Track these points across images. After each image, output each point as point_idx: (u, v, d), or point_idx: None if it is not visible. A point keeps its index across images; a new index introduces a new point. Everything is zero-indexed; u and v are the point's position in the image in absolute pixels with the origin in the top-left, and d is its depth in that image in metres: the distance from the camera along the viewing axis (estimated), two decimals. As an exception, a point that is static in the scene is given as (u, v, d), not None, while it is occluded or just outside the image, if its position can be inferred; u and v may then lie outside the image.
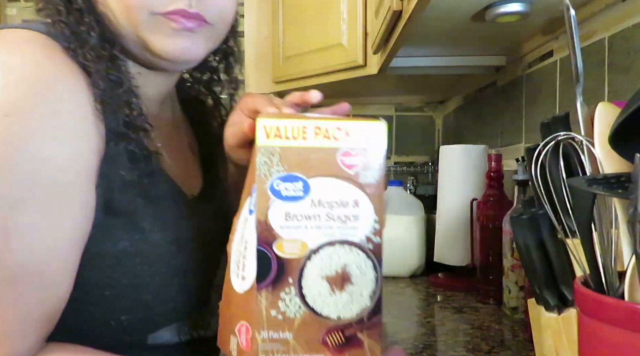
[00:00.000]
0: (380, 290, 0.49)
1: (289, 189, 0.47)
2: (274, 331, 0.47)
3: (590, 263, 0.46)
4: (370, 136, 0.48)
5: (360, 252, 0.49)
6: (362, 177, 0.48)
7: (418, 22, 0.94)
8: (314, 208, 0.48)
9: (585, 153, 0.51)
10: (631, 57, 0.82)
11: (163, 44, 0.54)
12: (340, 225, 0.48)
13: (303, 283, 0.48)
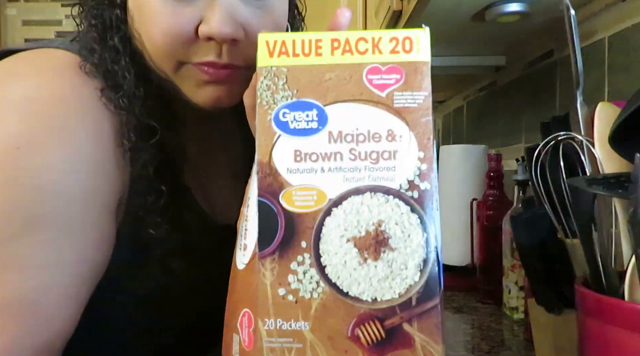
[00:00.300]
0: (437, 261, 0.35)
1: (299, 120, 0.35)
2: (284, 320, 0.34)
3: (590, 263, 0.46)
4: (407, 46, 0.35)
5: (401, 202, 0.35)
6: (399, 99, 0.35)
7: (418, 22, 0.94)
8: (333, 145, 0.35)
9: (585, 153, 0.51)
10: (631, 57, 0.82)
11: (194, 93, 0.52)
12: (371, 165, 0.35)
13: (322, 249, 0.35)
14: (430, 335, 0.34)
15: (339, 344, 0.34)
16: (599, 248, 0.46)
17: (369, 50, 0.36)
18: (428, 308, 0.34)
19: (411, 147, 0.35)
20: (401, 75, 0.35)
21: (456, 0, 0.88)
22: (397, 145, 0.35)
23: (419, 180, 0.35)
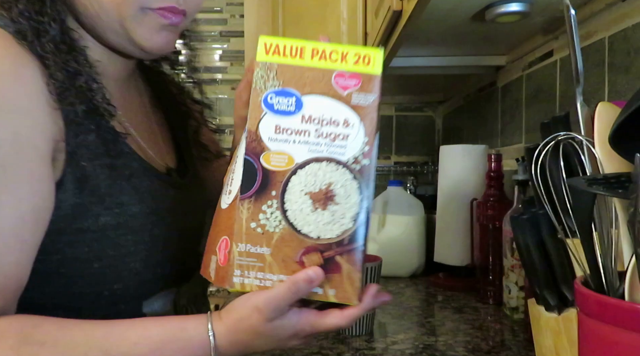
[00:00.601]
0: (366, 216, 0.48)
1: (281, 103, 0.49)
2: (252, 245, 0.48)
3: (590, 263, 0.46)
4: (366, 61, 0.51)
5: (347, 171, 0.49)
6: (355, 98, 0.51)
7: (418, 22, 0.94)
8: (304, 124, 0.49)
9: (585, 153, 0.51)
10: (631, 57, 0.82)
11: (150, 37, 0.56)
12: (329, 143, 0.49)
13: (286, 198, 0.48)
14: (354, 265, 0.48)
15: (289, 266, 0.48)
16: (599, 248, 0.46)
17: (338, 60, 0.50)
18: (355, 247, 0.48)
19: (359, 133, 0.50)
20: (359, 81, 0.50)
21: (456, 0, 0.88)
22: (349, 131, 0.50)
23: (362, 157, 0.50)
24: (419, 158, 2.17)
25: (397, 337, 0.83)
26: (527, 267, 0.57)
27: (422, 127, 2.19)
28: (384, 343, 0.80)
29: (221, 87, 2.17)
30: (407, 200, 1.36)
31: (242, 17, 2.05)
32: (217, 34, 2.15)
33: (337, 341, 0.82)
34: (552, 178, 0.54)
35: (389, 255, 1.25)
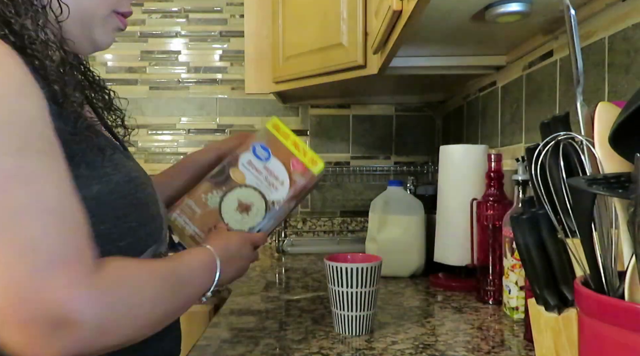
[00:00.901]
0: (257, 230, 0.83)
1: (260, 152, 0.85)
2: (195, 204, 0.83)
3: (590, 263, 0.46)
4: (314, 163, 0.86)
5: (264, 203, 0.84)
6: (294, 175, 0.85)
7: (418, 22, 0.94)
8: (262, 169, 0.84)
9: (585, 153, 0.51)
10: (631, 57, 0.82)
11: (106, 36, 0.67)
12: (267, 185, 0.84)
13: (228, 195, 0.83)
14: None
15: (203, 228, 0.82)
16: (599, 248, 0.46)
17: (302, 153, 0.85)
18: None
19: (284, 192, 0.83)
20: (303, 169, 0.84)
21: (456, 0, 0.88)
22: (280, 187, 0.83)
23: (277, 203, 0.83)
24: (419, 158, 2.17)
25: (397, 337, 0.83)
26: (527, 267, 0.57)
27: (422, 127, 2.19)
28: (384, 343, 0.80)
29: (221, 87, 2.17)
30: (407, 200, 1.36)
31: (242, 17, 2.05)
32: (217, 34, 2.15)
33: (337, 341, 0.82)
34: (552, 178, 0.54)
35: (389, 255, 1.25)
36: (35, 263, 0.45)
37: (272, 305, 1.06)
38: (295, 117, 2.18)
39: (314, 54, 1.46)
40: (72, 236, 0.49)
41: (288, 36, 1.57)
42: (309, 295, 1.14)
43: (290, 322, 0.93)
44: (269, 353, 0.77)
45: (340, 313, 0.85)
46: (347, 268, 0.82)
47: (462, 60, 1.34)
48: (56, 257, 0.46)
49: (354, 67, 1.34)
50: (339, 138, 2.19)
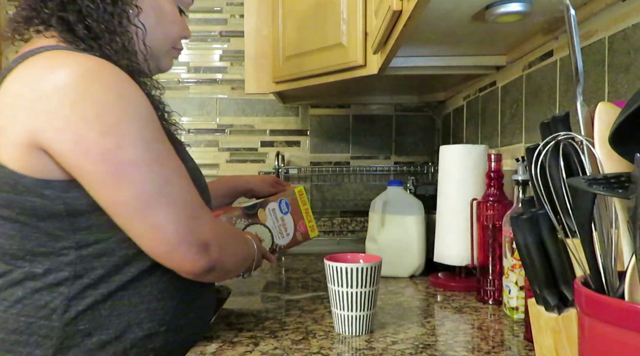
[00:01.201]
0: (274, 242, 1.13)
1: (283, 207, 1.14)
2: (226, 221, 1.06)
3: (590, 263, 0.46)
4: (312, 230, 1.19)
5: (271, 242, 1.11)
6: (297, 232, 1.16)
7: (418, 22, 0.94)
8: (279, 219, 1.13)
9: (585, 153, 0.51)
10: (631, 57, 0.82)
11: (168, 63, 0.91)
12: (278, 231, 1.13)
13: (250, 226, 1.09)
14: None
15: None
16: (599, 248, 0.46)
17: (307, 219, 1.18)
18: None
19: (287, 240, 1.14)
20: (304, 230, 1.17)
21: (456, 0, 0.88)
22: (287, 237, 1.14)
23: (278, 246, 1.13)
24: (419, 158, 2.17)
25: (397, 337, 0.83)
26: (527, 267, 0.57)
27: (422, 127, 2.19)
28: (384, 343, 0.80)
29: (221, 87, 2.17)
30: (407, 200, 1.36)
31: (242, 17, 2.05)
32: (217, 34, 2.15)
33: (337, 341, 0.82)
34: (552, 178, 0.54)
35: (389, 255, 1.25)
36: (188, 211, 0.72)
37: (272, 305, 1.06)
38: (295, 117, 2.18)
39: (314, 54, 1.46)
40: (198, 195, 0.76)
41: (288, 36, 1.57)
42: (309, 295, 1.14)
43: (290, 322, 0.93)
44: (269, 353, 0.77)
45: (340, 313, 0.85)
46: (347, 268, 0.82)
47: (462, 60, 1.34)
48: (198, 206, 0.74)
49: (354, 67, 1.34)
50: (339, 138, 2.19)
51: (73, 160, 0.67)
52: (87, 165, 0.67)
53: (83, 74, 0.67)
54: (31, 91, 0.66)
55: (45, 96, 0.66)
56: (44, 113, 0.66)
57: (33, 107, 0.66)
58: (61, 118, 0.66)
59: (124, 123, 0.68)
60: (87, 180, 0.68)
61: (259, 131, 2.18)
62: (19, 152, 0.67)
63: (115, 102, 0.68)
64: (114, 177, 0.67)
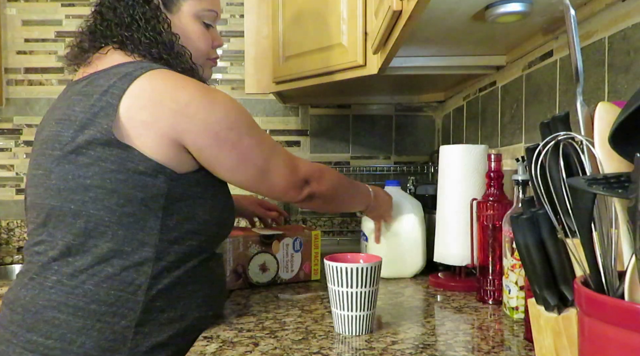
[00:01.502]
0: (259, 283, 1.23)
1: (296, 245, 1.25)
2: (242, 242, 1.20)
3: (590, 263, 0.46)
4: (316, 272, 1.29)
5: (275, 273, 1.23)
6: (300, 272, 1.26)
7: (418, 22, 0.94)
8: (289, 255, 1.25)
9: (585, 153, 0.51)
10: (631, 57, 0.82)
11: (208, 73, 1.05)
12: (284, 265, 1.24)
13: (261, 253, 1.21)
14: None
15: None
16: (599, 248, 0.46)
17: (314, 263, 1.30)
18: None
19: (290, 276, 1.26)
20: (307, 272, 1.29)
21: (456, 0, 0.88)
22: (291, 272, 1.26)
23: (280, 278, 1.25)
24: (419, 158, 2.17)
25: (397, 337, 0.83)
26: (527, 267, 0.57)
27: (422, 127, 2.19)
28: (384, 343, 0.80)
29: (221, 87, 2.17)
30: (405, 200, 1.36)
31: (242, 17, 2.05)
32: (217, 34, 2.15)
33: (337, 341, 0.82)
34: (552, 178, 0.54)
35: (389, 256, 1.26)
36: (290, 167, 0.96)
37: (272, 305, 1.06)
38: (295, 117, 2.18)
39: (314, 54, 1.46)
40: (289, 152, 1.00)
41: (288, 36, 1.57)
42: (309, 295, 1.14)
43: (290, 322, 0.93)
44: (269, 353, 0.77)
45: (340, 313, 0.85)
46: (347, 268, 0.82)
47: (462, 60, 1.34)
48: (294, 160, 0.99)
49: (353, 67, 1.34)
50: (339, 138, 2.19)
51: (212, 152, 0.86)
52: (222, 155, 0.86)
53: (203, 89, 0.87)
54: (172, 100, 0.83)
55: (184, 104, 0.83)
56: (185, 117, 0.83)
57: (175, 112, 0.83)
58: (200, 121, 0.84)
59: (239, 119, 0.89)
60: (224, 167, 0.88)
61: (259, 131, 2.18)
62: (157, 144, 0.82)
63: (229, 105, 0.88)
64: (241, 159, 0.89)
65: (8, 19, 2.19)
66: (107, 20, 0.91)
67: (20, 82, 2.19)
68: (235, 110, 0.89)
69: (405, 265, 1.30)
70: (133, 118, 0.81)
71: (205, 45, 1.01)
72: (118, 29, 0.90)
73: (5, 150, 2.21)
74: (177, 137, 0.83)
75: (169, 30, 0.94)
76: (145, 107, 0.82)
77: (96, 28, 0.92)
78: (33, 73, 2.20)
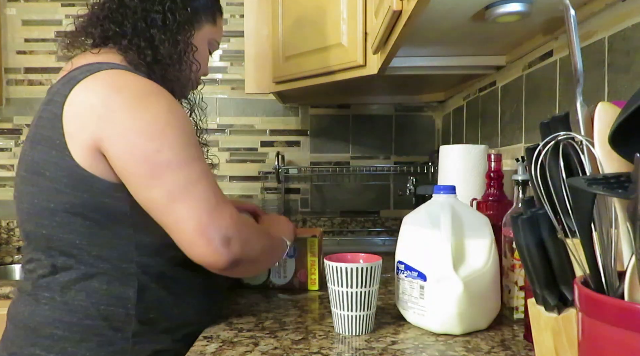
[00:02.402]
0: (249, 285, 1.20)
1: (290, 250, 1.12)
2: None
3: (590, 263, 0.46)
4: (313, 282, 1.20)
5: (267, 277, 1.19)
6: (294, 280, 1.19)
7: (418, 22, 0.94)
8: (282, 261, 1.18)
9: (585, 153, 0.51)
10: (631, 57, 0.82)
11: (194, 88, 1.03)
12: (277, 270, 1.19)
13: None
14: None
15: None
16: (599, 248, 0.46)
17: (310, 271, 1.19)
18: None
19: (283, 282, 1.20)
20: (303, 281, 1.19)
21: (456, 0, 0.88)
22: (284, 278, 1.20)
23: (272, 282, 1.20)
24: (419, 158, 2.17)
25: (397, 337, 0.83)
26: (527, 267, 0.57)
27: (422, 127, 2.19)
28: (384, 343, 0.80)
29: (221, 87, 2.17)
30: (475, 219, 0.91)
31: (242, 17, 2.05)
32: (217, 34, 2.15)
33: (337, 341, 0.82)
34: (552, 178, 0.54)
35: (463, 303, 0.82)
36: (210, 208, 0.78)
37: (272, 305, 1.06)
38: (295, 117, 2.18)
39: (314, 54, 1.46)
40: (222, 194, 0.82)
41: (288, 36, 1.57)
42: (309, 295, 1.14)
43: (290, 322, 0.93)
44: (269, 353, 0.77)
45: (340, 313, 0.85)
46: (347, 268, 0.82)
47: (462, 60, 1.34)
48: (220, 203, 0.79)
49: (353, 67, 1.34)
50: (339, 138, 2.19)
51: (121, 161, 0.77)
52: (130, 167, 0.77)
53: (144, 94, 0.80)
54: (101, 104, 0.78)
55: (112, 110, 0.77)
56: (109, 123, 0.77)
57: (101, 118, 0.77)
58: (120, 127, 0.77)
59: (166, 131, 0.78)
60: (130, 180, 0.78)
61: (259, 131, 2.18)
62: (87, 155, 0.78)
63: (162, 115, 0.79)
64: (149, 176, 0.77)
65: (8, 19, 2.19)
66: (128, 7, 0.89)
67: (20, 82, 2.19)
68: (167, 122, 0.79)
69: (480, 312, 0.86)
70: (76, 131, 0.78)
71: (204, 70, 1.03)
72: (136, 17, 0.88)
73: (5, 150, 2.21)
74: (97, 144, 0.78)
75: (188, 40, 0.94)
76: (81, 116, 0.78)
77: (112, 13, 0.89)
78: (33, 73, 2.20)
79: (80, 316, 0.81)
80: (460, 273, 0.82)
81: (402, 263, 0.88)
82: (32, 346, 0.82)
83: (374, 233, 2.15)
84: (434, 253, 0.84)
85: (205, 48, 1.02)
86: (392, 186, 2.17)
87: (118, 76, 0.81)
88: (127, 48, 0.87)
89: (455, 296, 0.81)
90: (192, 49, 0.95)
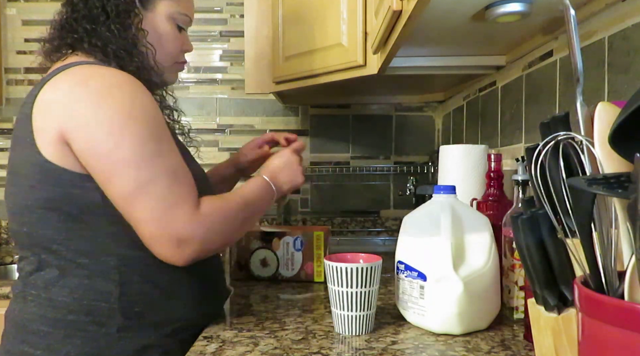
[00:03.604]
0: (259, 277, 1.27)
1: (297, 243, 1.26)
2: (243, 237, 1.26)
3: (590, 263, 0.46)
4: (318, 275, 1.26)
5: (275, 269, 1.26)
6: (301, 272, 1.26)
7: (418, 22, 0.94)
8: (290, 253, 1.25)
9: (585, 153, 0.51)
10: (631, 57, 0.82)
11: (173, 76, 1.01)
12: (285, 262, 1.26)
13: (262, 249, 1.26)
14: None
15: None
16: (599, 248, 0.46)
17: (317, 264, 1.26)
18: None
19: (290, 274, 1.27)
20: (309, 273, 1.26)
21: (456, 0, 0.88)
22: (291, 271, 1.27)
23: (279, 274, 1.28)
24: (419, 158, 2.17)
25: (397, 337, 0.83)
26: (527, 267, 0.57)
27: (422, 127, 2.19)
28: (384, 343, 0.80)
29: (221, 87, 2.17)
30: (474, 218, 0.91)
31: (242, 17, 2.05)
32: (217, 34, 2.15)
33: (337, 341, 0.82)
34: (552, 178, 0.54)
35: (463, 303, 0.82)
36: (164, 209, 0.77)
37: (272, 305, 1.06)
38: (295, 117, 2.18)
39: (314, 53, 1.46)
40: (184, 189, 0.80)
41: (288, 36, 1.57)
42: (309, 295, 1.14)
43: (290, 322, 0.93)
44: (269, 353, 0.77)
45: (340, 313, 0.85)
46: (347, 268, 0.82)
47: (462, 60, 1.34)
48: (177, 204, 0.78)
49: (354, 67, 1.34)
50: (339, 138, 2.19)
51: (84, 155, 0.78)
52: (92, 161, 0.77)
53: (110, 84, 0.79)
54: (65, 96, 0.78)
55: (75, 100, 0.78)
56: (72, 114, 0.77)
57: (65, 109, 0.77)
58: (82, 119, 0.77)
59: (128, 124, 0.77)
60: (92, 174, 0.78)
61: (259, 131, 2.18)
62: (54, 148, 0.78)
63: (126, 107, 0.78)
64: (108, 172, 0.77)
65: (8, 18, 2.19)
66: (77, 11, 0.88)
67: (20, 82, 2.19)
68: (130, 114, 0.78)
69: (480, 312, 0.85)
70: (43, 126, 0.79)
71: (175, 48, 0.97)
72: (84, 21, 0.87)
73: (5, 150, 2.21)
74: (63, 135, 0.78)
75: (138, 25, 0.90)
76: (47, 111, 0.79)
77: (66, 22, 0.89)
78: (33, 73, 2.20)
79: (64, 312, 0.81)
80: (460, 273, 0.82)
81: (402, 263, 0.88)
82: (21, 343, 0.83)
83: (374, 233, 2.15)
84: (434, 253, 0.84)
85: (167, 26, 0.95)
86: (392, 186, 2.17)
87: (87, 70, 0.82)
88: (90, 50, 0.87)
89: (455, 296, 0.81)
90: (144, 34, 0.91)
